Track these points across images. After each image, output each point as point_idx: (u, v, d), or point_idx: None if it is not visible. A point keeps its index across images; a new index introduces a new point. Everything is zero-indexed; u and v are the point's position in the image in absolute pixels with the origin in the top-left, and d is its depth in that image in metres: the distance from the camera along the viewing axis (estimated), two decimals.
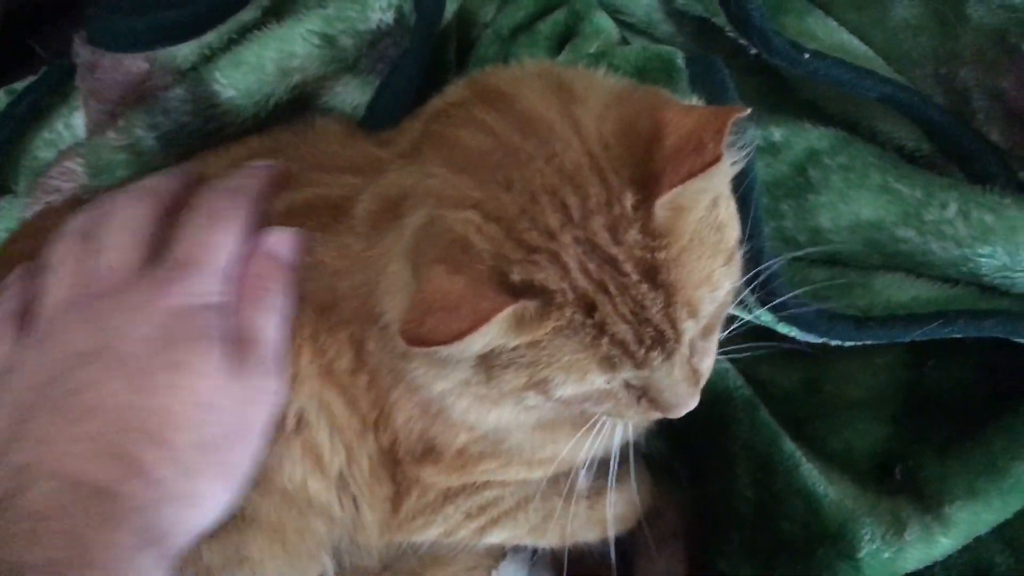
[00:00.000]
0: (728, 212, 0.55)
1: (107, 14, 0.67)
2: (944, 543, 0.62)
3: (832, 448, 0.68)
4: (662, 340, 0.51)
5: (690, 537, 0.70)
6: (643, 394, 0.55)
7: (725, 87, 0.64)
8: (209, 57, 0.68)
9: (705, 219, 0.52)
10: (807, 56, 0.63)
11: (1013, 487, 0.61)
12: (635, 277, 0.49)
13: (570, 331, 0.50)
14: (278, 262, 0.59)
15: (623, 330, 0.50)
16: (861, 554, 0.62)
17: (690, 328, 0.51)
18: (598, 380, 0.52)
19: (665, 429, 0.70)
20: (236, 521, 0.63)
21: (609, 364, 0.51)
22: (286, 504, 0.65)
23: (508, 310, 0.47)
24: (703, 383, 0.57)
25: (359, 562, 0.74)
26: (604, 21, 0.79)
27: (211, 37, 0.67)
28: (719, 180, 0.52)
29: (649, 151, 0.49)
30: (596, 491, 0.71)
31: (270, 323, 0.58)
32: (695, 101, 0.64)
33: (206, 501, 0.55)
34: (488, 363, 0.53)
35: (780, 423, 0.68)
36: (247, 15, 0.68)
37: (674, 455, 0.72)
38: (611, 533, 0.71)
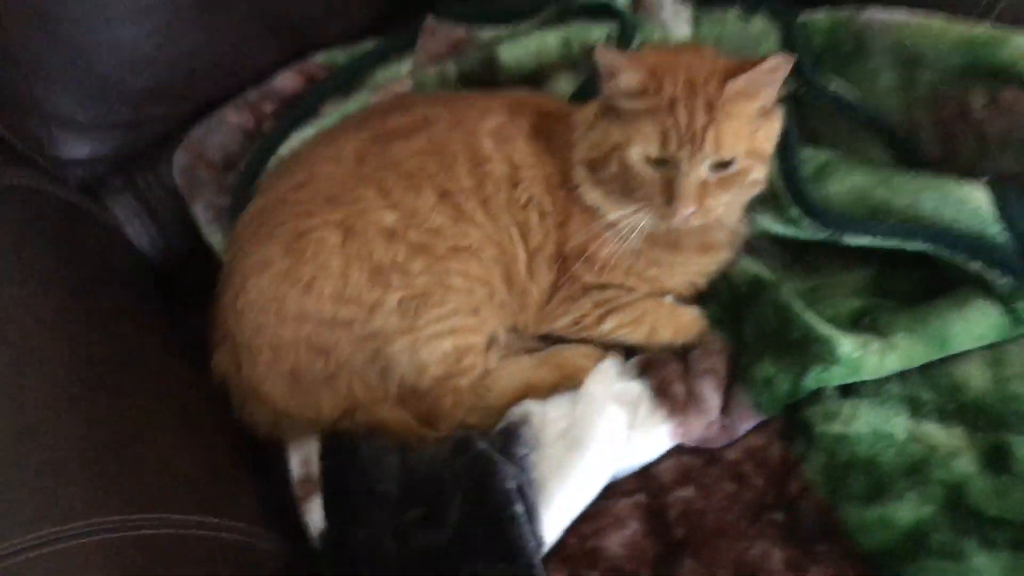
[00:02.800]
0: (763, 143, 0.98)
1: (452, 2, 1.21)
2: (891, 360, 0.98)
3: (826, 315, 1.04)
4: (694, 139, 0.93)
5: (730, 358, 1.07)
6: (667, 184, 0.95)
7: None
8: (499, 39, 1.20)
9: (750, 119, 0.96)
10: (832, 88, 1.12)
11: (933, 333, 0.98)
12: (700, 102, 0.93)
13: (655, 113, 0.94)
14: None
15: (681, 122, 0.93)
16: (839, 351, 0.97)
17: (710, 149, 0.93)
18: (654, 149, 0.94)
19: (717, 295, 1.12)
20: (459, 251, 1.01)
21: (664, 139, 0.94)
22: (500, 258, 1.04)
23: (645, 74, 0.93)
24: (705, 217, 0.98)
25: (513, 345, 1.11)
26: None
27: (503, 29, 1.21)
28: (765, 91, 0.95)
29: (739, 66, 0.94)
30: (677, 306, 1.10)
31: None
32: None
33: None
34: (608, 123, 0.97)
35: None
36: (524, 26, 1.22)
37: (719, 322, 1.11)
38: (679, 339, 1.09)
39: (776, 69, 0.93)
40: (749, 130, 0.96)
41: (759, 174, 1.00)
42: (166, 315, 1.20)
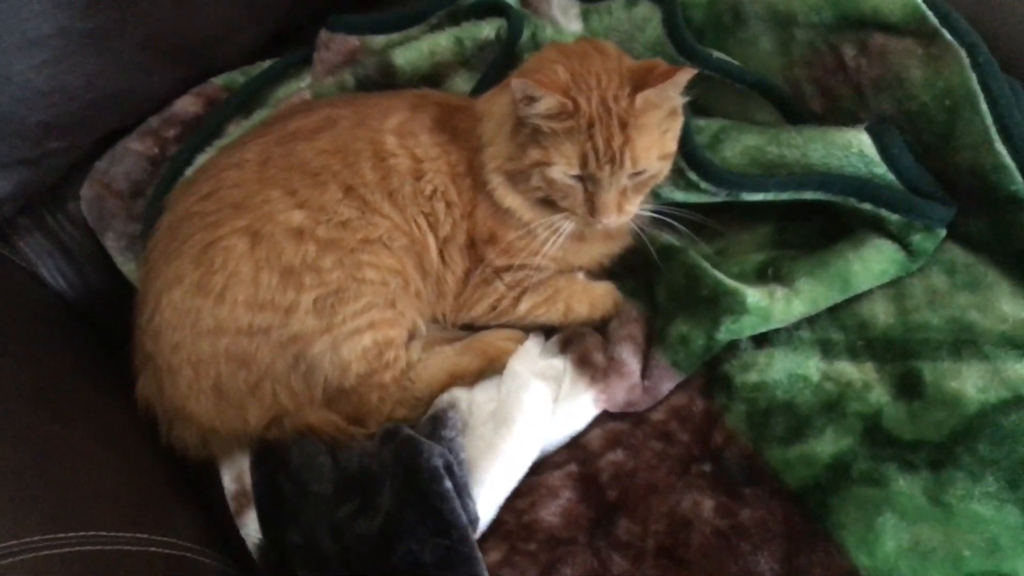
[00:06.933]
0: (671, 143, 1.02)
1: (342, 14, 1.24)
2: (797, 304, 1.01)
3: (731, 272, 1.07)
4: (613, 159, 0.96)
5: (647, 324, 1.09)
6: (589, 197, 1.00)
7: None
8: (392, 44, 1.24)
9: (659, 126, 1.00)
10: (715, 56, 1.16)
11: (834, 274, 1.02)
12: (615, 121, 0.96)
13: (575, 133, 0.96)
14: None
15: (599, 143, 0.95)
16: (748, 301, 1.00)
17: (629, 165, 0.97)
18: (574, 168, 0.97)
19: (629, 266, 1.15)
20: (369, 243, 1.02)
21: (585, 160, 0.97)
22: (410, 247, 1.05)
23: (563, 98, 0.94)
24: (624, 219, 1.02)
25: (435, 336, 1.12)
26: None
27: (395, 35, 1.24)
28: (671, 98, 0.99)
29: (647, 75, 0.98)
30: (589, 281, 1.13)
31: None
32: None
33: None
34: (525, 140, 0.99)
35: None
36: (415, 30, 1.25)
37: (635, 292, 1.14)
38: (596, 313, 1.11)
39: (682, 81, 0.96)
40: (660, 136, 1.00)
41: (667, 170, 1.04)
42: (89, 350, 1.19)
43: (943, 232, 1.04)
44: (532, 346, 1.09)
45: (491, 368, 1.08)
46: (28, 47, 1.03)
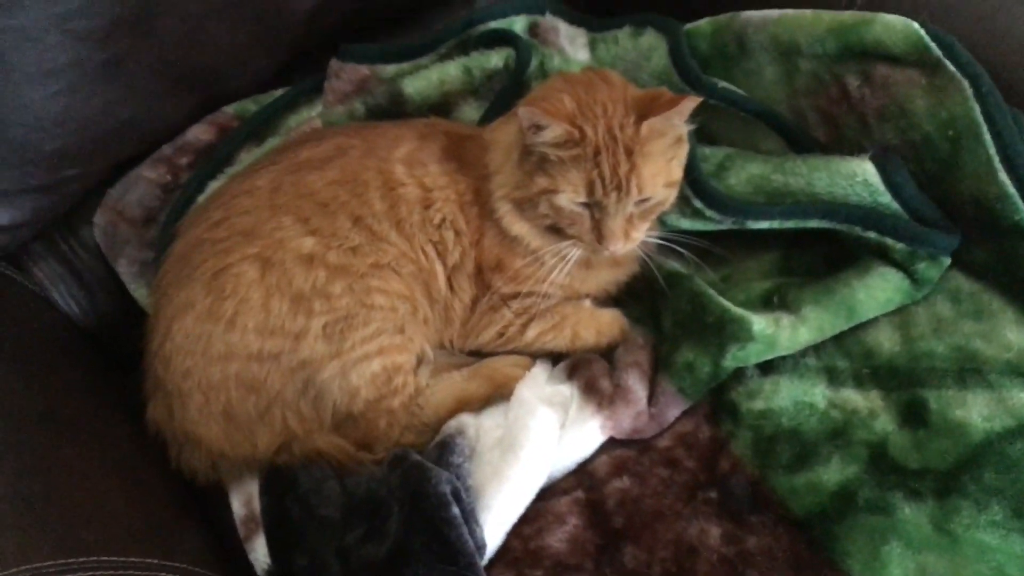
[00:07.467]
0: (676, 171, 1.04)
1: (351, 44, 1.26)
2: (803, 332, 1.02)
3: (737, 299, 1.09)
4: (620, 187, 0.98)
5: (653, 351, 1.10)
6: (596, 224, 1.01)
7: None
8: (402, 73, 1.25)
9: (664, 153, 1.01)
10: (720, 86, 1.18)
11: (840, 302, 1.03)
12: (621, 149, 0.97)
13: (581, 161, 0.98)
14: None
15: (605, 171, 0.97)
16: (754, 328, 1.01)
17: (635, 193, 0.99)
18: (581, 196, 0.99)
19: (635, 293, 1.16)
20: (379, 268, 1.04)
21: (591, 187, 0.98)
22: (418, 274, 1.07)
23: (569, 127, 0.96)
24: (630, 246, 1.04)
25: (443, 361, 1.13)
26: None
27: (406, 65, 1.26)
28: (676, 126, 1.01)
29: (652, 104, 1.00)
30: (595, 308, 1.14)
31: None
32: None
33: None
34: (532, 167, 1.00)
35: None
36: (425, 59, 1.27)
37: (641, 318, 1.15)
38: (603, 340, 1.12)
39: (686, 110, 0.98)
40: (665, 164, 1.02)
41: (673, 197, 1.06)
42: (100, 375, 1.21)
43: (948, 261, 1.04)
44: (539, 372, 1.10)
45: (498, 394, 1.08)
46: (44, 77, 1.06)
